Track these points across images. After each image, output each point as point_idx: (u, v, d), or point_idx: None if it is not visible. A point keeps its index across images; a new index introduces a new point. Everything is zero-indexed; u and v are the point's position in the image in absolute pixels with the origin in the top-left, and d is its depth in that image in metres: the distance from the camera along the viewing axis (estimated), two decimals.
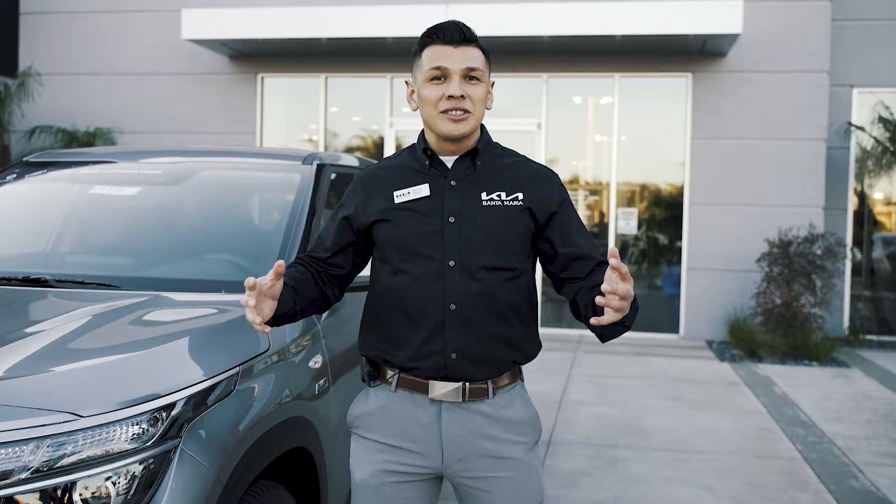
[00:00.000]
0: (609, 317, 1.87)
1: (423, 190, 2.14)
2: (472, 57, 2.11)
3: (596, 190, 10.59)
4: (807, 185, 9.74)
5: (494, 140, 2.25)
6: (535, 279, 2.25)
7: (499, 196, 2.14)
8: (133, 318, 2.55)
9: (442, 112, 2.10)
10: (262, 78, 10.85)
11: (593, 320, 1.93)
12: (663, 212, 10.52)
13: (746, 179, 9.88)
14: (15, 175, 3.73)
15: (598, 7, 9.26)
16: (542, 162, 10.29)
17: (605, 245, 10.34)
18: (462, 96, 2.09)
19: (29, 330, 2.43)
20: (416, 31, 10.73)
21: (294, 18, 9.70)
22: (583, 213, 10.57)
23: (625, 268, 1.83)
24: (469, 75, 2.10)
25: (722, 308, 9.81)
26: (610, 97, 10.31)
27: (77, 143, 10.33)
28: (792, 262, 9.04)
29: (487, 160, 2.19)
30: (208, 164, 3.69)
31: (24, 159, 3.83)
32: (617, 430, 5.95)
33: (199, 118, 10.79)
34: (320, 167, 3.45)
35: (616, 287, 1.83)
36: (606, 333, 2.04)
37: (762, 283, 9.21)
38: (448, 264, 2.10)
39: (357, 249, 2.24)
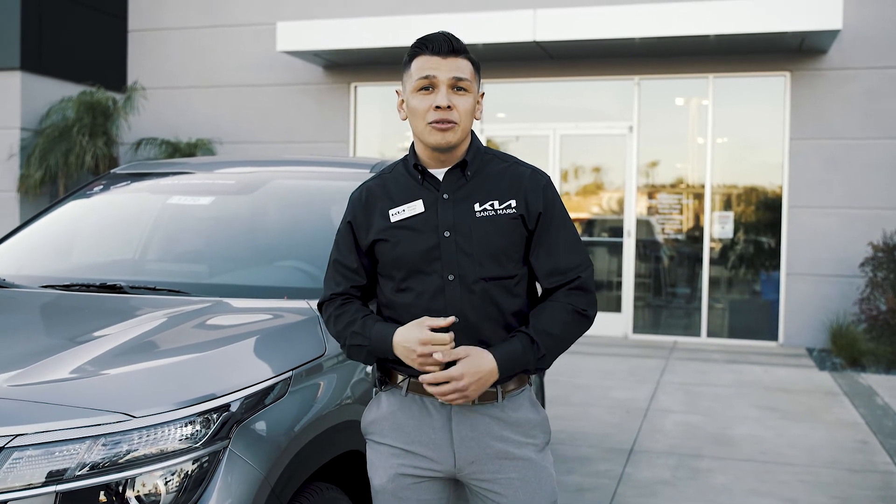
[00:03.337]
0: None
1: (417, 206, 2.16)
2: (459, 67, 2.13)
3: (691, 193, 10.36)
4: None
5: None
6: (534, 281, 2.25)
7: (492, 206, 2.15)
8: (194, 323, 2.66)
9: (429, 123, 2.12)
10: (355, 87, 11.05)
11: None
12: (761, 215, 10.20)
13: (848, 181, 9.49)
14: (102, 186, 3.92)
15: (690, 7, 9.07)
16: (634, 166, 10.21)
17: (701, 249, 10.11)
18: (449, 107, 2.10)
19: (96, 333, 2.56)
20: (505, 37, 10.72)
21: (384, 28, 9.85)
22: (678, 217, 10.35)
23: (438, 376, 2.03)
24: (457, 86, 2.12)
25: (823, 315, 9.45)
26: (704, 98, 10.08)
27: (179, 154, 10.75)
28: None
29: (478, 168, 2.20)
30: (280, 173, 3.80)
31: (112, 171, 4.02)
32: (703, 439, 5.80)
33: (295, 127, 11.08)
34: None
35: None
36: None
37: (866, 288, 8.83)
38: (447, 279, 2.12)
39: (371, 264, 2.26)
